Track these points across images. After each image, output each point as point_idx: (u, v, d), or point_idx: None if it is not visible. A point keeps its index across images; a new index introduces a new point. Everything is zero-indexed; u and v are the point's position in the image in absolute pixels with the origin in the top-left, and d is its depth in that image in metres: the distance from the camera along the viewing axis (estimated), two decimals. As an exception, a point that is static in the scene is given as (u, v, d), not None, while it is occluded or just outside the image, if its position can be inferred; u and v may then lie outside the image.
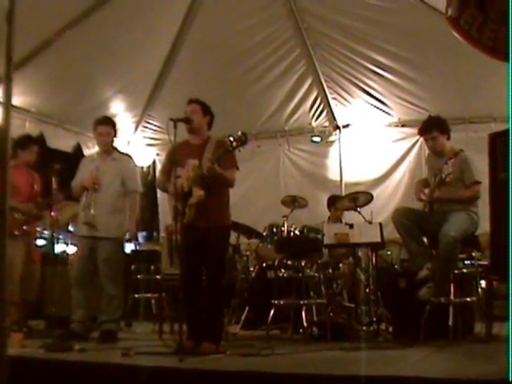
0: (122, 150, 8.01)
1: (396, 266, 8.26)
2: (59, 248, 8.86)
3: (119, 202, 7.08)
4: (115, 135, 7.35)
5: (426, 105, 9.73)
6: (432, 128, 6.62)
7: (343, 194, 9.73)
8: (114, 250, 6.99)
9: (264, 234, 8.10)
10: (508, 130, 4.54)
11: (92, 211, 6.88)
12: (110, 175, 7.06)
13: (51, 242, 7.92)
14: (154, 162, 11.88)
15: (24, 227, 7.27)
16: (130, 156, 7.61)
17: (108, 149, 7.24)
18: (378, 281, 7.24)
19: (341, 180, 10.84)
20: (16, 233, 7.14)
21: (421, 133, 6.83)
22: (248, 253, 8.74)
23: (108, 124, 7.21)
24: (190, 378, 4.57)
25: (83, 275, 6.96)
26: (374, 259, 7.29)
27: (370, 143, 10.70)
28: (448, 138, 6.65)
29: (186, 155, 5.94)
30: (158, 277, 8.16)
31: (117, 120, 10.41)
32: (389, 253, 8.86)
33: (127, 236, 7.29)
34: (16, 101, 8.77)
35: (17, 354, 5.28)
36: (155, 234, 11.56)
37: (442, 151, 6.61)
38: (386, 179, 10.52)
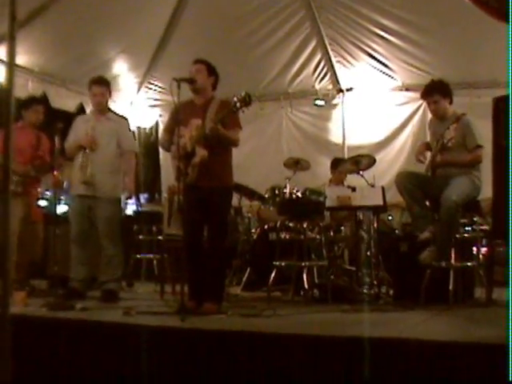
0: (117, 112, 7.92)
1: (397, 231, 8.26)
2: (61, 208, 8.86)
3: (116, 162, 7.07)
4: (110, 96, 7.35)
5: (430, 69, 9.66)
6: (434, 91, 6.58)
7: (346, 157, 9.70)
8: (112, 210, 6.99)
9: (266, 196, 8.06)
10: (508, 95, 4.52)
11: (89, 170, 6.88)
12: (105, 135, 7.04)
13: (53, 202, 7.92)
14: (156, 123, 11.83)
15: (19, 189, 7.19)
16: (125, 118, 7.56)
17: (102, 109, 7.21)
18: (380, 244, 7.23)
19: (343, 143, 10.82)
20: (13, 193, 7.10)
21: (423, 96, 6.79)
22: (250, 215, 8.78)
23: (102, 84, 7.17)
24: (192, 337, 4.59)
25: (82, 233, 6.98)
26: (375, 223, 7.25)
27: (373, 107, 10.66)
28: (450, 103, 6.61)
29: (190, 115, 5.92)
30: (159, 237, 8.16)
31: (119, 80, 10.56)
32: (390, 218, 8.86)
33: (126, 195, 7.29)
34: (19, 60, 8.68)
35: (19, 313, 5.33)
36: (157, 195, 11.57)
37: (443, 115, 6.57)
38: (389, 143, 10.49)
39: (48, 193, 8.69)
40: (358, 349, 4.01)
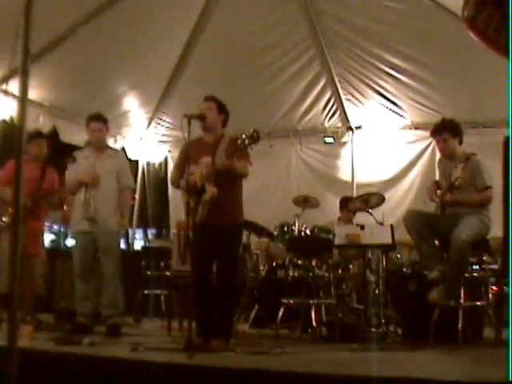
0: (113, 146, 7.99)
1: (404, 269, 8.25)
2: (70, 243, 8.89)
3: (115, 198, 7.14)
4: (108, 132, 7.42)
5: (440, 107, 9.71)
6: (443, 130, 6.61)
7: (355, 194, 9.76)
8: (114, 242, 7.08)
9: (275, 233, 8.12)
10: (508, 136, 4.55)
11: (93, 206, 6.93)
12: (106, 172, 7.12)
13: (60, 236, 7.96)
14: (165, 159, 11.90)
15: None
16: (121, 151, 7.63)
17: (101, 145, 7.29)
18: (388, 283, 7.24)
19: (352, 181, 10.84)
20: (3, 224, 7.14)
21: (432, 134, 6.83)
22: (258, 251, 8.80)
23: (99, 120, 7.25)
24: (199, 374, 4.57)
25: (85, 268, 7.03)
26: (384, 261, 7.26)
27: (382, 145, 10.70)
28: (460, 142, 6.63)
29: (200, 152, 5.96)
30: (167, 273, 8.17)
31: (130, 116, 10.64)
32: (398, 256, 8.86)
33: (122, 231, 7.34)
34: (30, 94, 8.68)
35: (26, 347, 5.29)
36: (165, 230, 11.61)
37: (452, 154, 6.60)
38: (398, 181, 10.52)
39: (56, 227, 8.73)
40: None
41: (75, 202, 7.12)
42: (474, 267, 6.52)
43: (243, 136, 5.56)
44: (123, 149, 10.27)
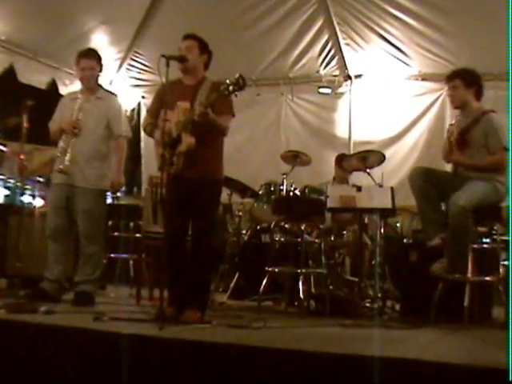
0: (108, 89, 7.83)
1: (406, 239, 8.22)
2: (26, 198, 8.80)
3: (102, 148, 7.02)
4: (101, 70, 7.24)
5: (452, 57, 9.70)
6: (456, 76, 6.54)
7: (351, 152, 9.73)
8: (93, 202, 6.93)
9: (260, 192, 8.08)
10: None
11: (67, 158, 6.76)
12: (94, 117, 6.99)
13: (17, 190, 7.87)
14: (139, 105, 11.85)
15: None
16: (116, 95, 7.50)
17: (92, 86, 7.13)
18: (386, 252, 7.25)
19: (349, 137, 10.90)
20: None
21: (446, 81, 6.75)
22: (241, 213, 8.73)
23: (92, 57, 7.09)
24: (170, 348, 4.54)
25: (60, 227, 6.92)
26: (382, 228, 7.22)
27: (384, 97, 10.72)
28: (477, 96, 6.54)
29: (177, 97, 5.87)
30: (137, 235, 8.14)
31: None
32: (398, 224, 8.88)
33: (112, 187, 7.24)
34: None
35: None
36: (136, 187, 11.55)
37: (462, 106, 6.52)
38: (401, 139, 10.56)
39: (11, 180, 8.63)
40: (358, 369, 3.98)
41: (57, 151, 6.98)
42: (485, 238, 6.54)
43: (227, 81, 5.50)
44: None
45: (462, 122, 6.48)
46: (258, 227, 8.27)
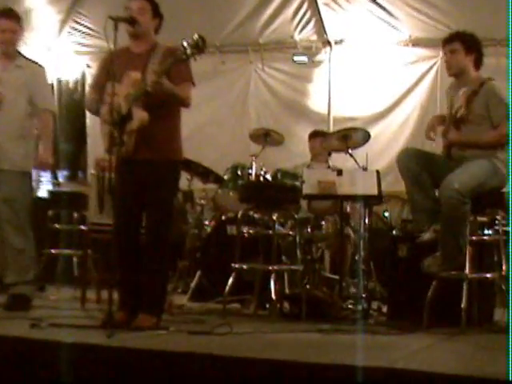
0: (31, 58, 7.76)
1: (394, 231, 8.25)
2: None
3: (25, 125, 6.98)
4: (21, 34, 7.21)
5: (447, 18, 9.74)
6: (455, 39, 6.53)
7: (331, 130, 9.74)
8: (18, 188, 6.89)
9: (225, 177, 8.09)
10: None
11: None
12: (12, 89, 6.92)
13: None
14: (83, 76, 11.76)
15: None
16: (40, 65, 7.43)
17: (11, 52, 7.06)
18: (372, 246, 7.30)
19: (329, 113, 10.94)
20: None
21: (443, 43, 6.74)
22: (203, 201, 8.78)
23: (11, 18, 7.00)
24: (121, 358, 4.55)
25: None
26: (367, 218, 7.31)
27: (369, 66, 10.75)
28: (477, 64, 6.56)
29: (126, 66, 5.83)
30: (82, 227, 8.12)
31: (33, 17, 10.39)
32: (386, 214, 8.95)
33: (39, 169, 7.23)
34: None
35: None
36: (80, 172, 11.51)
37: (459, 74, 6.51)
38: (389, 115, 10.63)
39: None
40: (339, 381, 4.01)
41: None
42: (485, 229, 6.58)
43: (184, 43, 5.47)
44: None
45: (458, 94, 6.50)
46: (223, 217, 8.21)
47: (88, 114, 10.67)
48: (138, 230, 6.02)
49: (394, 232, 8.16)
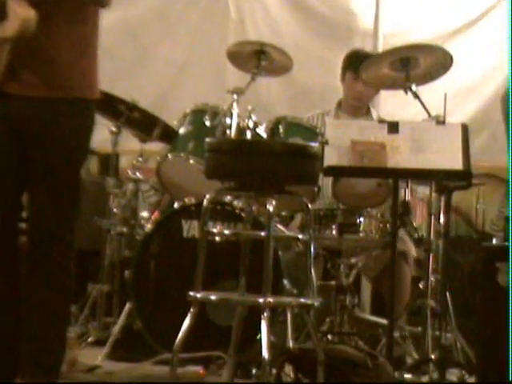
0: None
1: (494, 239, 8.04)
2: None
3: None
4: None
5: None
6: None
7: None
8: None
9: (180, 131, 7.92)
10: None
11: None
12: None
13: None
14: None
15: None
16: None
17: None
18: (450, 265, 7.03)
19: (375, 27, 10.90)
20: None
21: None
22: (139, 175, 8.53)
23: None
24: None
25: None
26: (442, 214, 7.19)
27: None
28: None
29: None
30: None
31: None
32: (479, 206, 8.77)
33: None
34: None
35: None
36: None
37: None
38: (474, 29, 10.69)
39: None
40: None
41: None
42: None
43: None
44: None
45: None
46: (176, 206, 7.98)
47: None
48: (15, 223, 5.72)
49: (491, 241, 7.83)
